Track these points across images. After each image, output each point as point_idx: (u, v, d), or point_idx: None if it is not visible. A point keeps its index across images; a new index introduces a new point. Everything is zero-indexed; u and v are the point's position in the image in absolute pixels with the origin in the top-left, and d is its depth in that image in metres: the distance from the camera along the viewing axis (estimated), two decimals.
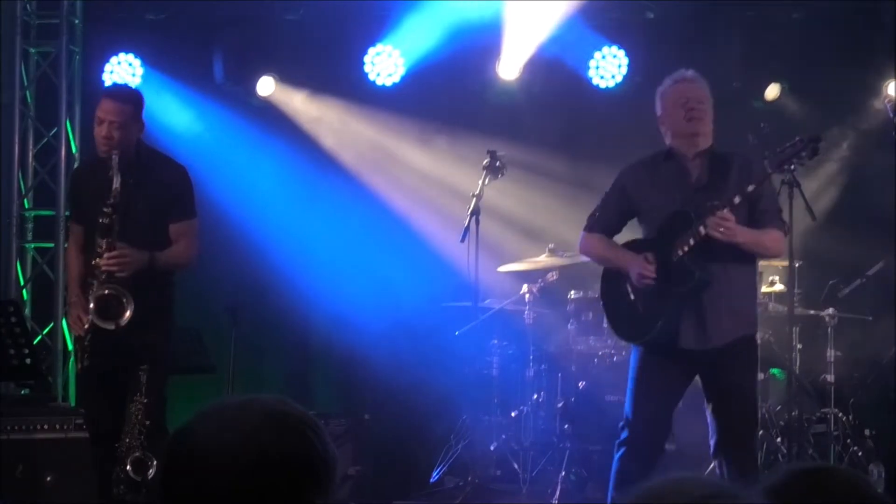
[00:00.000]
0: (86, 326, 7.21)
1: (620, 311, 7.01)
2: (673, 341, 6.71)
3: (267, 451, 2.38)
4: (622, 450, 6.85)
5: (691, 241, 6.58)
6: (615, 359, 9.68)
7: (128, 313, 7.16)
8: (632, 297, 6.86)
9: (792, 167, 6.60)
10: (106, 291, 7.17)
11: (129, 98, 7.54)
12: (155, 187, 7.41)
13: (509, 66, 11.11)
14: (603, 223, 7.05)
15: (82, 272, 7.46)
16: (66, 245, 8.78)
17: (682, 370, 6.80)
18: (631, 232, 7.17)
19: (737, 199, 6.50)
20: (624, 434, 6.86)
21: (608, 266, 7.10)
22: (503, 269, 10.15)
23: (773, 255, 7.25)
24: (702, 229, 6.52)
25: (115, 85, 9.21)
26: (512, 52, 11.05)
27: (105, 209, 7.20)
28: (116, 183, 7.20)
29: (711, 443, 6.81)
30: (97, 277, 7.21)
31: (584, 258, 9.99)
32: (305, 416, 2.49)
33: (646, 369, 6.84)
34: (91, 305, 7.17)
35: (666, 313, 6.69)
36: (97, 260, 7.20)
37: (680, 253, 6.63)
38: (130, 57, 11.06)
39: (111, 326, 7.15)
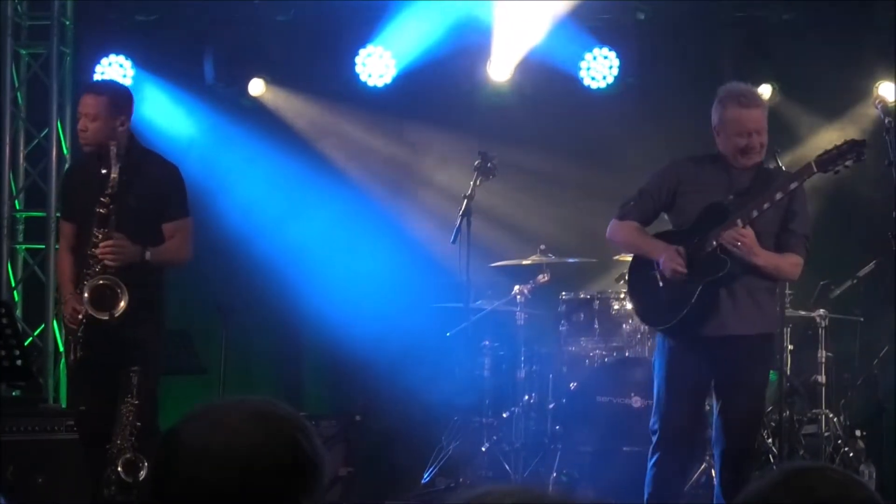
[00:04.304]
0: (80, 317, 7.21)
1: (648, 297, 7.04)
2: (697, 328, 6.75)
3: (255, 453, 2.39)
4: (657, 454, 6.85)
5: (720, 241, 6.65)
6: (606, 360, 9.68)
7: (122, 303, 7.15)
8: (660, 283, 6.87)
9: (837, 170, 6.66)
10: (101, 282, 7.16)
11: (103, 90, 7.53)
12: (146, 185, 7.39)
13: (500, 67, 11.11)
14: (638, 212, 7.05)
15: (74, 272, 7.46)
16: (56, 247, 8.76)
17: (707, 361, 6.80)
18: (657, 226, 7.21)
19: (755, 213, 6.57)
20: (656, 436, 6.87)
21: (637, 253, 7.15)
22: (495, 264, 10.15)
23: (788, 279, 7.31)
24: (715, 242, 6.59)
25: (93, 80, 9.18)
26: (503, 53, 11.04)
27: (102, 199, 7.18)
28: (114, 172, 7.17)
29: (712, 434, 6.83)
30: (91, 268, 7.21)
31: (573, 259, 10.10)
32: (294, 417, 2.49)
33: (673, 362, 6.86)
34: (86, 295, 7.16)
35: (694, 299, 6.72)
36: (93, 250, 7.18)
37: (714, 244, 6.67)
38: (121, 58, 11.05)
39: (105, 317, 7.15)
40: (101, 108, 7.35)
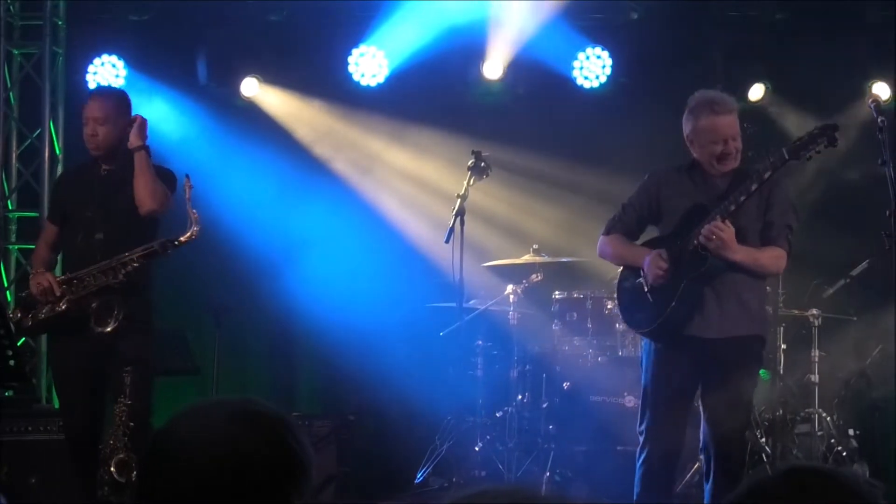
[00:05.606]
0: (63, 307, 7.26)
1: (634, 302, 7.02)
2: (681, 328, 6.74)
3: (241, 451, 2.40)
4: (644, 454, 6.86)
5: (696, 241, 6.64)
6: (600, 359, 9.68)
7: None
8: (646, 289, 6.88)
9: (809, 156, 6.62)
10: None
11: (110, 95, 7.60)
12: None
13: (493, 67, 11.11)
14: (623, 225, 7.08)
15: (48, 260, 7.65)
16: None
17: (692, 361, 6.77)
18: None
19: (732, 207, 6.57)
20: (643, 437, 6.87)
21: (624, 264, 7.16)
22: (488, 264, 10.16)
23: (772, 273, 7.25)
24: (698, 237, 6.58)
25: (97, 86, 9.24)
26: (496, 52, 11.05)
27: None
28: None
29: (701, 436, 6.83)
30: (90, 281, 7.25)
31: (566, 259, 10.11)
32: (280, 415, 2.50)
33: (658, 363, 6.86)
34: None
35: (677, 298, 6.71)
36: (119, 275, 7.23)
37: (696, 242, 6.66)
38: (114, 58, 11.02)
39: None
40: (110, 111, 7.42)
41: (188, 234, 7.24)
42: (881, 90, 10.76)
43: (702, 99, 6.84)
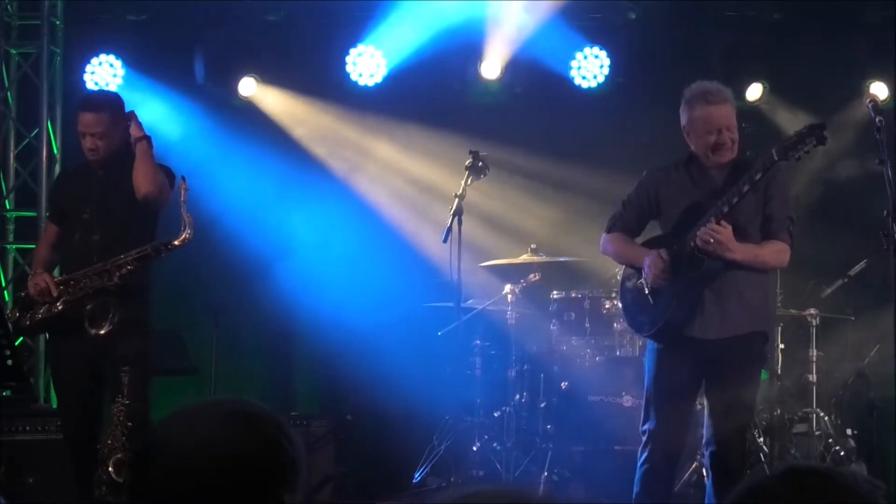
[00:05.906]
0: (59, 308, 7.26)
1: (636, 303, 7.02)
2: (682, 330, 6.74)
3: (232, 451, 2.40)
4: (645, 454, 6.86)
5: (696, 241, 6.63)
6: (598, 359, 9.67)
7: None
8: (647, 290, 6.88)
9: (798, 156, 6.60)
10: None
11: (104, 105, 7.54)
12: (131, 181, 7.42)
13: (491, 66, 11.11)
14: (623, 223, 7.09)
15: (48, 260, 7.65)
16: None
17: (694, 362, 6.77)
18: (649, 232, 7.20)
19: (725, 208, 6.55)
20: (645, 436, 6.87)
21: (626, 263, 7.18)
22: (485, 264, 10.15)
23: (774, 268, 7.24)
24: (696, 241, 6.58)
25: (89, 94, 9.18)
26: (494, 51, 11.05)
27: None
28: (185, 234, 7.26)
29: (704, 435, 6.84)
30: (86, 282, 7.27)
31: (563, 258, 10.11)
32: (270, 414, 2.50)
33: (661, 364, 6.85)
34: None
35: (677, 300, 6.72)
36: (114, 277, 7.24)
37: (692, 244, 6.66)
38: (111, 58, 11.02)
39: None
40: (106, 124, 7.43)
41: (182, 237, 7.25)
42: (879, 90, 10.76)
43: (696, 90, 6.84)
